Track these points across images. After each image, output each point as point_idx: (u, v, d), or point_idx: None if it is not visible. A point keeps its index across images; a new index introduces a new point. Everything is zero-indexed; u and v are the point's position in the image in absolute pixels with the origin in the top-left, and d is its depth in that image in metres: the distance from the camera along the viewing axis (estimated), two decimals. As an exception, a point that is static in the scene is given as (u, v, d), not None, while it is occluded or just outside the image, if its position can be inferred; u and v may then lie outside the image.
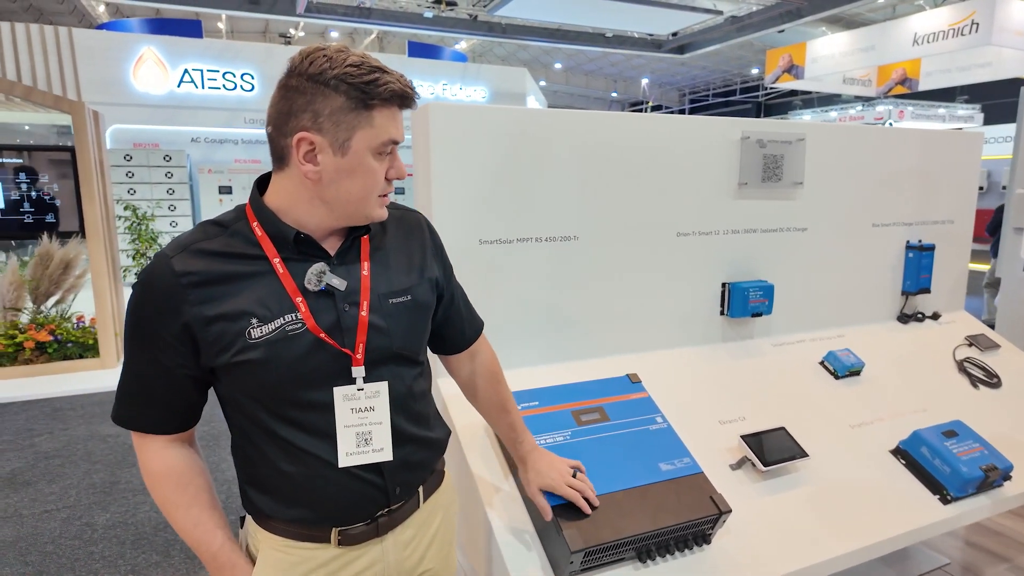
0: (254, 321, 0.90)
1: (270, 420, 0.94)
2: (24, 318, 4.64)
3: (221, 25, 16.81)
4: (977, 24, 10.63)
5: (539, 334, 1.80)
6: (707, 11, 10.16)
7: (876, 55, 12.64)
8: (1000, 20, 10.37)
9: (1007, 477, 1.75)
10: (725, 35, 11.88)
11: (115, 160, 8.15)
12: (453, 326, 1.20)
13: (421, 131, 1.64)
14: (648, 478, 1.39)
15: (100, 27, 12.14)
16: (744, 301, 2.01)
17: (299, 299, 0.93)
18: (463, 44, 17.50)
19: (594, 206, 1.82)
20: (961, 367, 2.23)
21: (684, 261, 1.97)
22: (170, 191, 8.60)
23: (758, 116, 24.11)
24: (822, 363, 2.08)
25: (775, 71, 14.64)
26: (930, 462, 1.73)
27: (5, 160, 4.73)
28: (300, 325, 0.92)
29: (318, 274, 0.93)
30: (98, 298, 4.60)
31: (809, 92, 21.26)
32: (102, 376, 4.51)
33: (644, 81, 25.08)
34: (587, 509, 1.26)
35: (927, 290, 2.41)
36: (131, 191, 8.32)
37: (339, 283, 0.95)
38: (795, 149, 2.07)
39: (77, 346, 4.68)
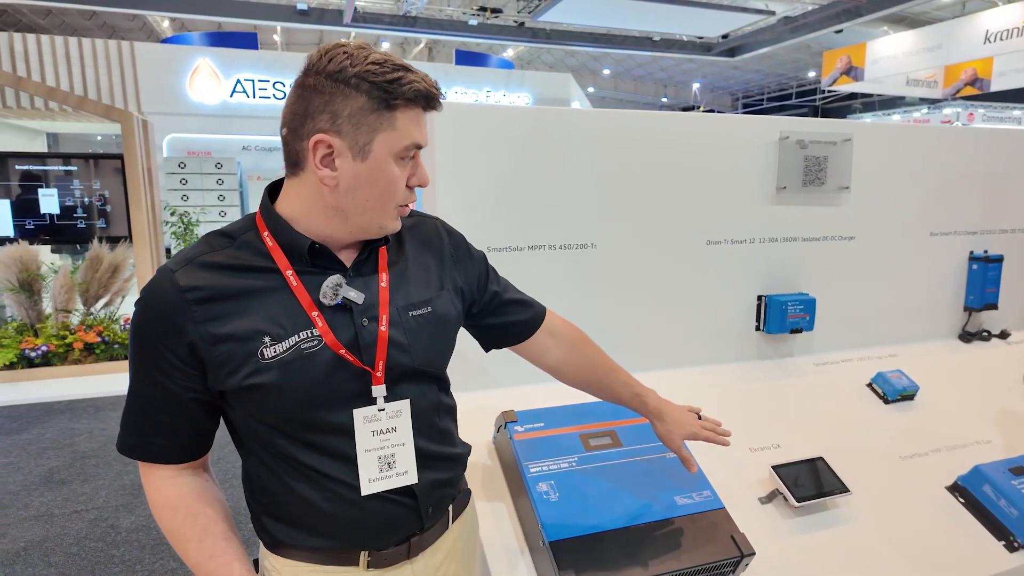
0: (266, 340, 0.84)
1: (289, 445, 0.88)
2: (75, 319, 4.81)
3: (276, 37, 17.38)
4: (1057, 19, 9.95)
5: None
6: (758, 12, 9.81)
7: (943, 55, 11.99)
8: (1083, 14, 9.68)
9: (1088, 524, 1.52)
10: (778, 36, 11.45)
11: (170, 168, 8.45)
12: (512, 314, 1.14)
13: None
14: (661, 513, 1.25)
15: (164, 41, 12.72)
16: (782, 316, 1.84)
17: (315, 313, 0.86)
18: (510, 52, 17.55)
19: (613, 212, 1.70)
20: (1033, 393, 1.99)
21: (714, 272, 1.82)
22: (221, 197, 8.86)
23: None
24: (870, 385, 1.89)
25: (833, 73, 14.07)
26: (994, 502, 1.53)
27: (60, 168, 4.93)
28: (316, 342, 0.86)
29: (334, 287, 0.87)
30: (142, 301, 4.72)
31: (870, 95, 20.41)
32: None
33: (695, 85, 24.63)
34: (726, 442, 1.23)
35: (994, 306, 2.17)
36: (184, 197, 8.61)
37: (357, 296, 0.89)
38: (840, 150, 1.89)
39: (123, 347, 4.82)
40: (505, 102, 11.12)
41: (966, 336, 2.21)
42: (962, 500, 1.58)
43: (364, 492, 0.89)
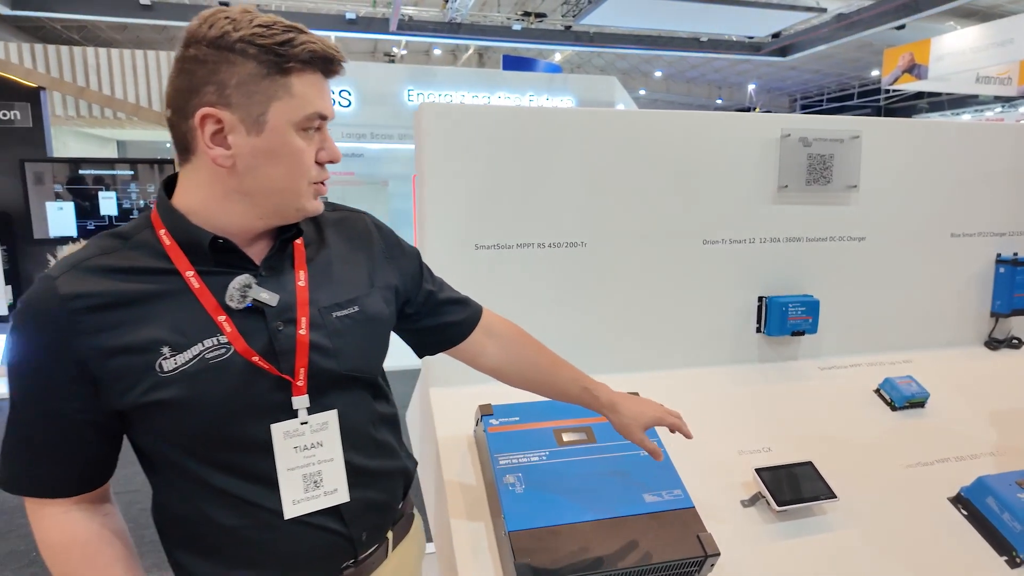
0: (165, 351, 0.75)
1: (201, 468, 0.79)
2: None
3: (331, 46, 17.96)
4: None
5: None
6: (808, 9, 9.50)
7: (1016, 50, 11.31)
8: None
9: (1102, 542, 1.43)
10: (832, 34, 11.06)
11: (224, 173, 8.86)
12: (448, 314, 1.07)
13: (416, 132, 1.60)
14: (627, 510, 1.25)
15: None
16: (782, 317, 1.80)
17: (222, 318, 0.77)
18: (559, 56, 17.56)
19: (604, 210, 1.70)
20: (1062, 404, 1.87)
21: (711, 272, 1.80)
22: (274, 202, 9.21)
23: (877, 121, 22.34)
24: (877, 391, 1.82)
25: (894, 71, 13.46)
26: (997, 515, 1.45)
27: (120, 172, 5.26)
28: (224, 351, 0.77)
29: (242, 288, 0.78)
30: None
31: (938, 94, 19.43)
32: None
33: (751, 87, 24.03)
34: (690, 433, 1.18)
35: (1023, 312, 2.05)
36: (240, 202, 8.99)
37: (269, 297, 0.80)
38: (848, 148, 1.83)
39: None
40: (548, 106, 11.15)
41: (993, 343, 2.09)
42: (964, 512, 1.51)
43: (287, 515, 0.81)
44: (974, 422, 1.77)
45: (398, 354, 1.09)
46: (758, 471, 1.45)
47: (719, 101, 25.40)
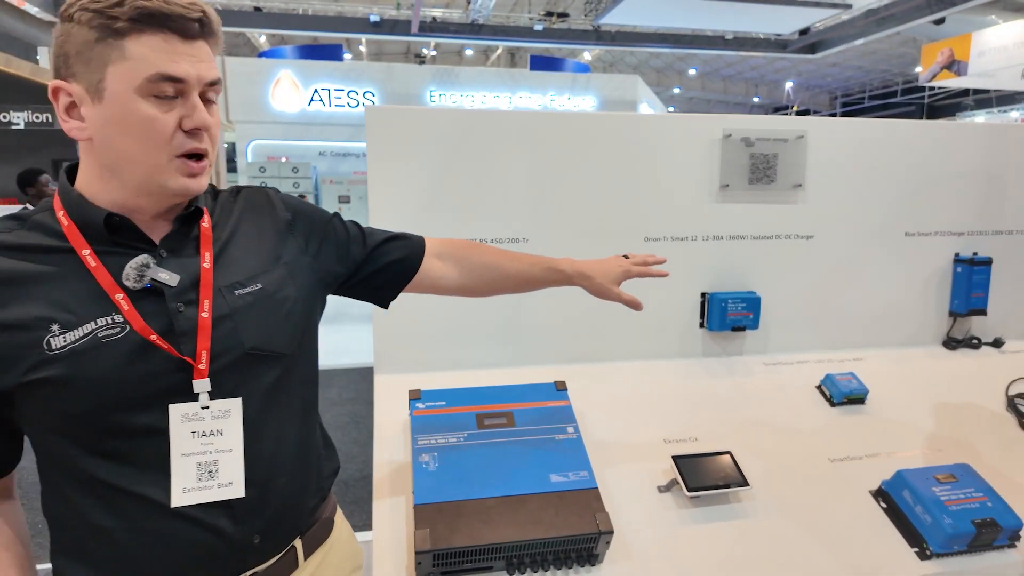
0: (54, 328, 0.72)
1: (81, 456, 0.75)
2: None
3: (363, 48, 18.31)
4: None
5: (485, 340, 1.78)
6: (833, 5, 9.32)
7: (1063, 44, 10.86)
8: None
9: (1015, 537, 1.44)
10: (863, 30, 10.80)
11: (252, 172, 9.20)
12: (392, 252, 1.08)
13: (366, 135, 1.71)
14: (532, 488, 1.33)
15: (260, 55, 13.76)
16: (723, 313, 1.85)
17: (120, 296, 0.75)
18: (587, 56, 17.54)
19: (546, 208, 1.78)
20: (1011, 404, 1.87)
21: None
22: (297, 200, 9.52)
23: (922, 119, 21.67)
24: (819, 387, 1.85)
25: (932, 68, 13.07)
26: (911, 508, 1.48)
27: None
28: (119, 329, 0.74)
29: (139, 267, 0.76)
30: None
31: (986, 91, 18.72)
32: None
33: (788, 84, 23.56)
34: (663, 272, 1.25)
35: (982, 311, 2.05)
36: (264, 199, 9.32)
37: (169, 277, 0.78)
38: (793, 148, 1.87)
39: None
40: (569, 105, 11.19)
41: (951, 343, 2.09)
42: (884, 505, 1.54)
43: (174, 503, 0.76)
44: (913, 419, 1.79)
45: (362, 352, 1.14)
46: (675, 458, 1.51)
47: (756, 99, 24.97)
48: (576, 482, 1.35)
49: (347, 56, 14.53)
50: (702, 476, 1.48)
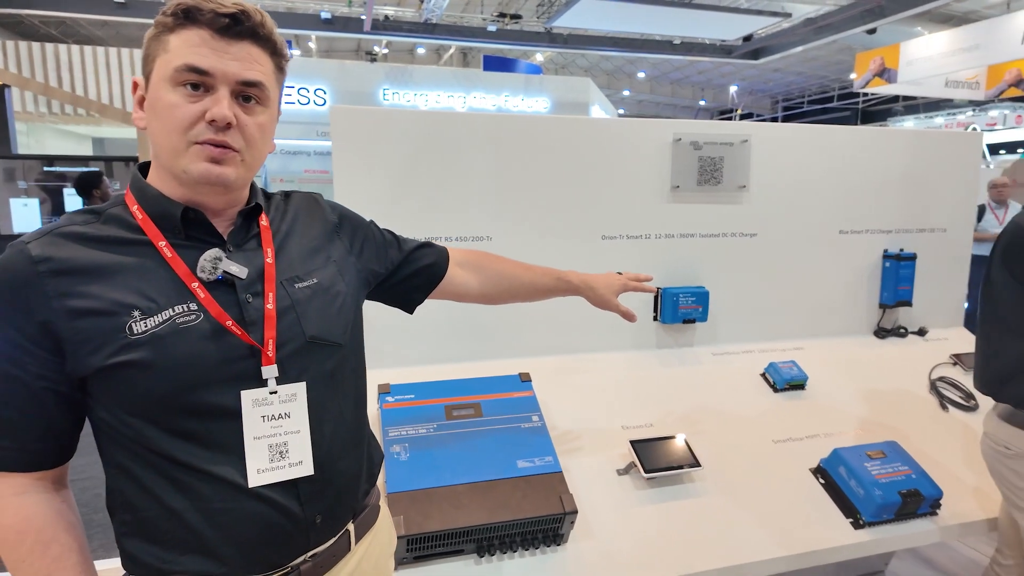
0: (136, 314, 0.75)
1: (162, 438, 0.77)
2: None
3: (312, 44, 17.96)
4: (1101, 17, 9.56)
5: (451, 336, 1.83)
6: (773, 14, 9.73)
7: (981, 55, 11.61)
8: None
9: (936, 505, 1.60)
10: (803, 38, 11.29)
11: (198, 170, 8.91)
12: (422, 259, 1.14)
13: (331, 134, 1.74)
14: (500, 474, 1.40)
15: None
16: (674, 307, 1.96)
17: (196, 284, 0.79)
18: (540, 57, 17.70)
19: (509, 207, 1.85)
20: (933, 387, 2.05)
21: (610, 265, 1.95)
22: (245, 199, 9.27)
23: (856, 123, 22.72)
24: (763, 375, 1.98)
25: (865, 75, 13.75)
26: (846, 482, 1.62)
27: (68, 169, 5.33)
28: (195, 316, 0.78)
29: (212, 260, 0.80)
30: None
31: (914, 97, 19.80)
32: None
33: (733, 89, 24.29)
34: (652, 288, 1.48)
35: (907, 303, 2.23)
36: (212, 199, 9.05)
37: (239, 270, 0.81)
38: (737, 151, 1.99)
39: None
40: (523, 106, 11.28)
41: (881, 332, 2.27)
42: (822, 481, 1.67)
43: (251, 483, 0.79)
44: (848, 402, 1.94)
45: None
46: (632, 443, 1.60)
47: (702, 103, 25.62)
48: (541, 467, 1.43)
49: (295, 52, 14.25)
50: (658, 459, 1.58)
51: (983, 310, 1.48)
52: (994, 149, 16.30)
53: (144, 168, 0.86)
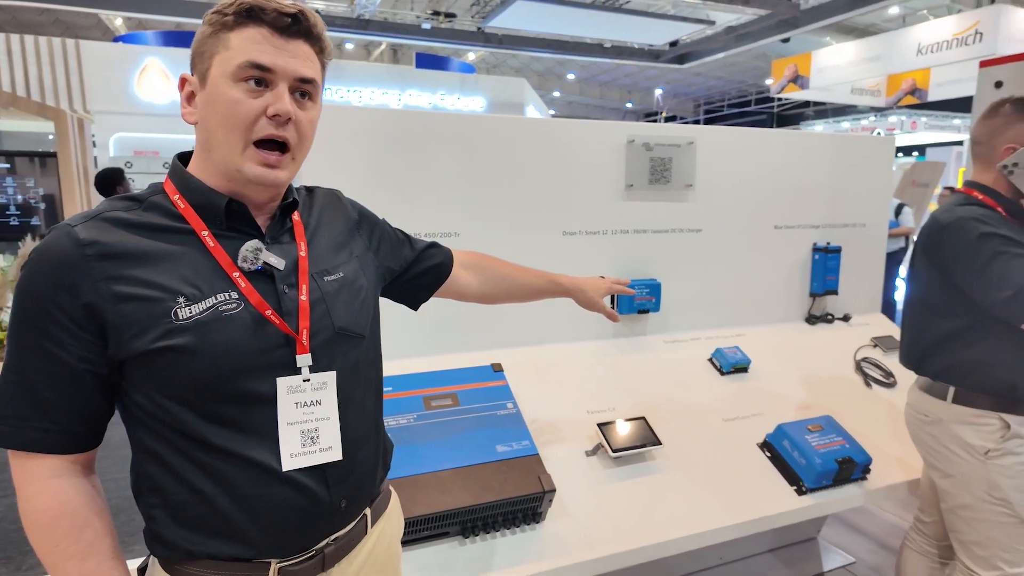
0: (181, 300, 0.77)
1: (199, 424, 0.79)
2: (5, 317, 4.84)
3: (235, 37, 17.25)
4: (981, 34, 10.53)
5: (420, 328, 1.87)
6: (698, 21, 10.21)
7: (882, 65, 12.58)
8: (1005, 29, 10.25)
9: (866, 471, 1.78)
10: (724, 45, 11.89)
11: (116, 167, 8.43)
12: (430, 258, 1.20)
13: (298, 132, 1.75)
14: (481, 458, 1.46)
15: (116, 39, 12.58)
16: (629, 298, 2.08)
17: (237, 274, 0.81)
18: (472, 56, 17.73)
19: (476, 204, 1.91)
20: (858, 367, 2.26)
21: (571, 259, 2.04)
22: (169, 197, 8.84)
23: (771, 127, 24.04)
24: (710, 359, 2.14)
25: (781, 81, 14.61)
26: (790, 454, 1.78)
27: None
28: (236, 304, 0.80)
29: (254, 251, 0.82)
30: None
31: (823, 103, 21.15)
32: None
33: (658, 92, 25.10)
34: (632, 291, 1.63)
35: (834, 291, 2.45)
36: (132, 197, 8.57)
37: (277, 262, 0.84)
38: (684, 152, 2.13)
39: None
40: (459, 105, 11.31)
41: (811, 319, 2.48)
42: (768, 454, 1.83)
43: (285, 467, 0.81)
44: (787, 383, 2.12)
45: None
46: (599, 425, 1.70)
47: (629, 105, 26.33)
48: (519, 450, 1.50)
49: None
50: (623, 439, 1.68)
51: (908, 294, 1.67)
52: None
53: (182, 159, 0.87)
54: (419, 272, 1.18)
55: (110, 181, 3.93)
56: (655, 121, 26.54)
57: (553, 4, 8.61)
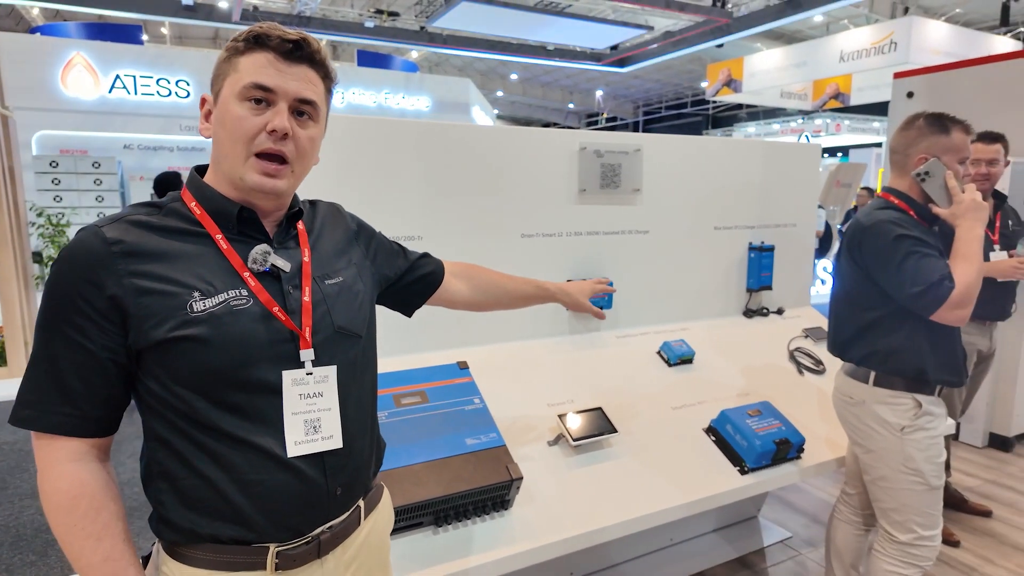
0: (196, 295, 0.84)
1: (210, 410, 0.85)
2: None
3: (165, 31, 16.55)
4: (895, 43, 11.28)
5: (387, 329, 1.92)
6: (638, 26, 10.54)
7: (808, 71, 13.28)
8: (917, 39, 11.01)
9: (800, 450, 1.96)
10: (662, 49, 12.33)
11: (40, 167, 7.97)
12: (423, 267, 1.26)
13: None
14: (451, 451, 1.54)
15: (34, 31, 11.87)
16: (585, 296, 2.19)
17: (247, 274, 0.89)
18: (415, 54, 17.61)
19: (438, 208, 1.98)
20: (791, 356, 2.46)
21: (528, 260, 2.15)
22: (99, 198, 8.44)
23: (707, 128, 24.94)
24: (658, 352, 2.28)
25: (715, 84, 15.22)
26: (732, 437, 1.94)
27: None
28: (246, 301, 0.87)
29: (263, 254, 0.90)
30: (6, 306, 4.55)
31: (755, 106, 22.10)
32: (6, 386, 4.45)
33: (598, 93, 25.57)
34: (612, 289, 1.69)
35: (768, 287, 2.65)
36: (57, 198, 8.14)
37: (284, 264, 0.92)
38: (632, 159, 2.27)
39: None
40: (404, 104, 11.26)
41: (748, 313, 2.67)
42: (713, 438, 1.98)
43: (290, 453, 0.88)
44: (728, 372, 2.29)
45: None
46: (560, 416, 1.81)
47: (570, 106, 26.70)
48: (487, 442, 1.59)
49: (144, 38, 13.08)
50: (582, 428, 1.80)
51: (834, 289, 1.85)
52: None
53: (199, 171, 0.96)
54: (412, 280, 1.25)
55: (169, 185, 3.86)
56: (596, 122, 27.08)
57: (497, 7, 8.71)
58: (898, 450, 1.69)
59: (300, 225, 1.00)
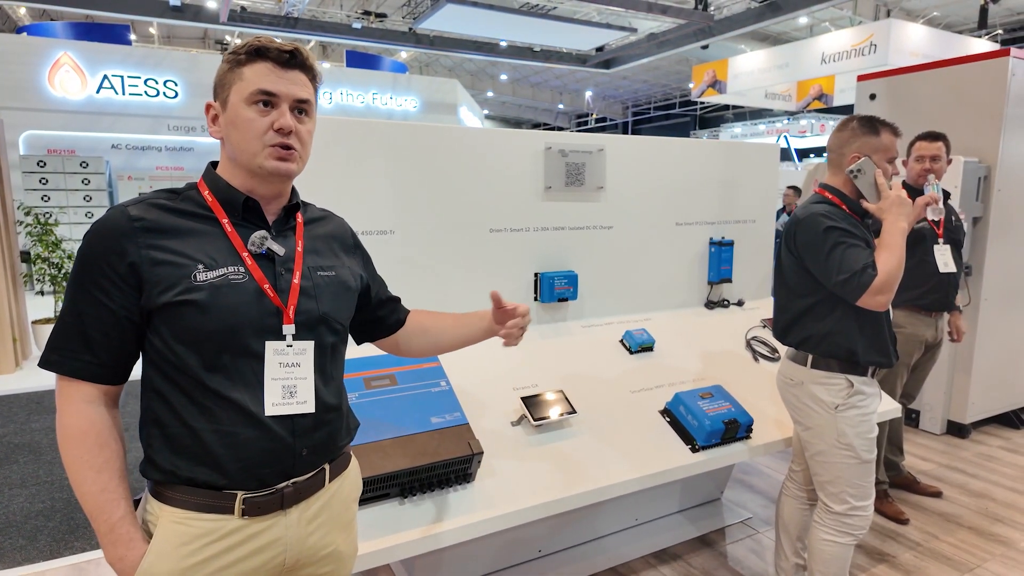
0: (200, 267, 0.98)
1: (200, 367, 0.98)
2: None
3: (153, 31, 16.55)
4: (875, 45, 11.49)
5: (359, 317, 2.05)
6: (622, 28, 10.70)
7: (791, 72, 13.46)
8: (896, 41, 11.22)
9: (750, 430, 2.10)
10: (647, 51, 12.48)
11: (28, 166, 8.03)
12: (389, 311, 1.37)
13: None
14: (417, 428, 1.67)
15: (20, 30, 11.88)
16: (551, 288, 2.33)
17: (245, 254, 1.03)
18: (404, 55, 17.70)
19: (409, 205, 2.10)
20: (748, 344, 2.60)
21: (497, 254, 2.27)
22: (87, 197, 8.51)
23: (695, 129, 25.16)
24: (621, 341, 2.42)
25: (701, 86, 15.39)
26: (685, 418, 2.07)
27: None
28: (242, 277, 1.01)
29: (261, 238, 1.04)
30: (-5, 302, 4.62)
31: (741, 107, 22.32)
32: (-2, 380, 4.53)
33: (588, 94, 25.71)
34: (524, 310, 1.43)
35: (728, 280, 2.79)
36: (45, 197, 8.20)
37: (279, 249, 1.06)
38: (596, 158, 2.40)
39: (-26, 351, 4.68)
40: (392, 105, 11.38)
41: (710, 304, 2.81)
42: (668, 420, 2.12)
43: (267, 412, 1.01)
44: (686, 359, 2.43)
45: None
46: (523, 398, 1.94)
47: (560, 106, 26.80)
48: (451, 421, 1.72)
49: (132, 38, 13.09)
50: (543, 410, 1.93)
51: (776, 278, 1.99)
52: (804, 154, 18.87)
53: (213, 164, 1.11)
54: (377, 317, 1.35)
55: None
56: (586, 122, 27.25)
57: (482, 8, 8.83)
58: (832, 426, 1.83)
59: (299, 217, 1.14)
